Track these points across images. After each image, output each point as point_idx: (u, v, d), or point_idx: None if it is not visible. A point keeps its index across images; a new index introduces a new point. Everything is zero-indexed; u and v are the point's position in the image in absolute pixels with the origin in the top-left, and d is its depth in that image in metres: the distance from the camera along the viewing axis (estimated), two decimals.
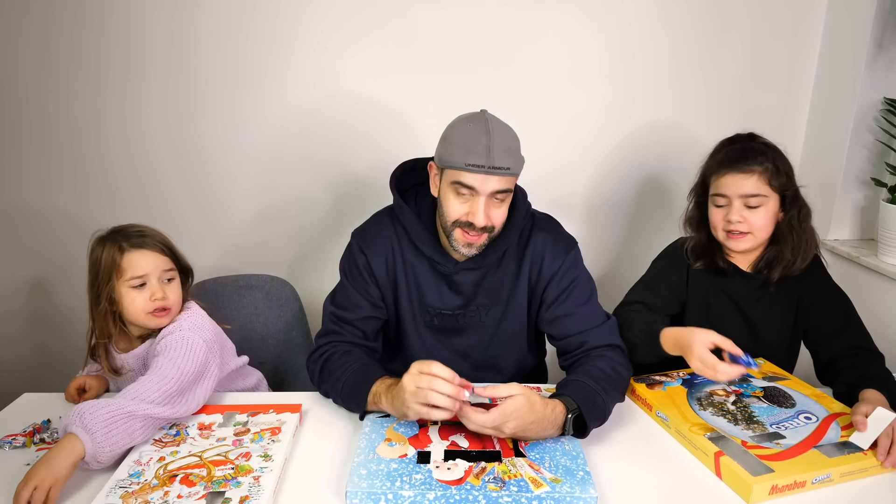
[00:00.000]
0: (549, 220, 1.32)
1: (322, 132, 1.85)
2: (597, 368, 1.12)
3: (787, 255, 1.31)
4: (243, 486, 0.91)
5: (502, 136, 1.10)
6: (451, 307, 1.27)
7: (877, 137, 1.80)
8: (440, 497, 0.88)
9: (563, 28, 1.80)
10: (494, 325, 1.29)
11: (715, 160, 1.34)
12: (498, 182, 1.11)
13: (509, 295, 1.27)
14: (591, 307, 1.25)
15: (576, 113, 1.88)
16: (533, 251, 1.25)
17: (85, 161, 1.83)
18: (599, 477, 0.97)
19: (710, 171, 1.35)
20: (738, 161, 1.28)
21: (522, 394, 0.98)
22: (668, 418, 1.11)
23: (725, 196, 1.30)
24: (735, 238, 1.30)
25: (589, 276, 1.28)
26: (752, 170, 1.27)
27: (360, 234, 1.29)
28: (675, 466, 1.02)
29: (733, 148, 1.32)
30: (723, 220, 1.31)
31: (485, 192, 1.11)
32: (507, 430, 0.96)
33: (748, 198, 1.27)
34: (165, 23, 1.73)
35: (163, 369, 1.08)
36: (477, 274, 1.25)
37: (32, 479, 0.88)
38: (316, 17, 1.76)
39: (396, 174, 1.27)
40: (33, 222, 1.88)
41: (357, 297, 1.25)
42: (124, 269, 1.16)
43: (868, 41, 1.71)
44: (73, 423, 0.94)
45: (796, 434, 1.04)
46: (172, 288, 1.20)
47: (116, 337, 1.23)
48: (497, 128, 1.11)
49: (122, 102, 1.79)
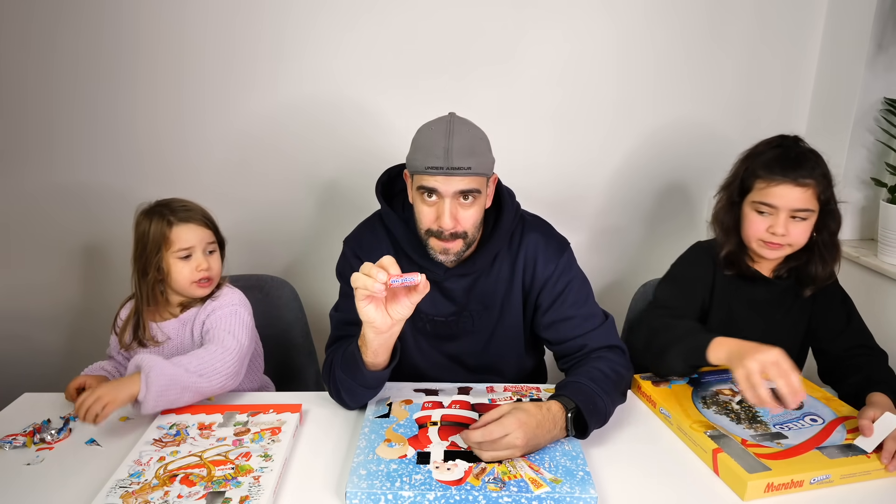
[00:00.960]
0: (539, 221, 1.31)
1: (319, 133, 1.85)
2: (596, 370, 1.11)
3: (819, 267, 1.26)
4: (243, 486, 0.91)
5: (462, 137, 1.09)
6: (444, 314, 1.26)
7: (877, 137, 1.80)
8: (440, 497, 0.88)
9: (563, 28, 1.80)
10: (489, 330, 1.28)
11: (762, 162, 1.23)
12: (460, 182, 1.09)
13: (503, 299, 1.25)
14: (589, 308, 1.23)
15: (576, 113, 1.88)
16: (525, 254, 1.24)
17: (76, 173, 1.83)
18: (599, 477, 0.97)
19: (754, 173, 1.24)
20: (793, 170, 1.19)
21: (513, 406, 0.99)
22: (670, 415, 1.11)
23: (773, 207, 1.21)
24: (772, 248, 1.24)
25: (584, 276, 1.27)
26: (807, 183, 1.18)
27: (354, 240, 1.29)
28: (674, 463, 1.02)
29: (785, 152, 1.22)
30: (765, 231, 1.23)
31: (448, 193, 1.10)
32: (519, 443, 0.95)
33: (798, 211, 1.20)
34: (155, 21, 1.73)
35: (225, 342, 1.19)
36: (468, 280, 1.23)
37: (97, 390, 1.04)
38: (301, 20, 1.76)
39: (382, 181, 1.26)
40: (33, 224, 1.89)
41: None
42: (172, 241, 1.24)
43: (868, 41, 1.71)
44: (144, 370, 1.07)
45: (799, 435, 1.04)
46: (214, 259, 1.30)
47: (156, 307, 1.31)
48: (459, 129, 1.10)
49: (115, 102, 1.79)
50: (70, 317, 1.99)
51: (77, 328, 2.00)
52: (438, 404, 1.13)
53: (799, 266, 1.30)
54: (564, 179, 1.95)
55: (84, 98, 1.79)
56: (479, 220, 1.16)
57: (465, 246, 1.16)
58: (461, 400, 1.14)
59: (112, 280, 1.94)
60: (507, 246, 1.24)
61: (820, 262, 1.26)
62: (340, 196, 1.92)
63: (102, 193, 1.87)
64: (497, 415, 0.98)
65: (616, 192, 1.98)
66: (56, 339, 2.00)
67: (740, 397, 1.15)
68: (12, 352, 1.99)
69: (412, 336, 1.28)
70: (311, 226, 1.96)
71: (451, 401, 1.13)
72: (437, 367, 1.29)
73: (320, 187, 1.92)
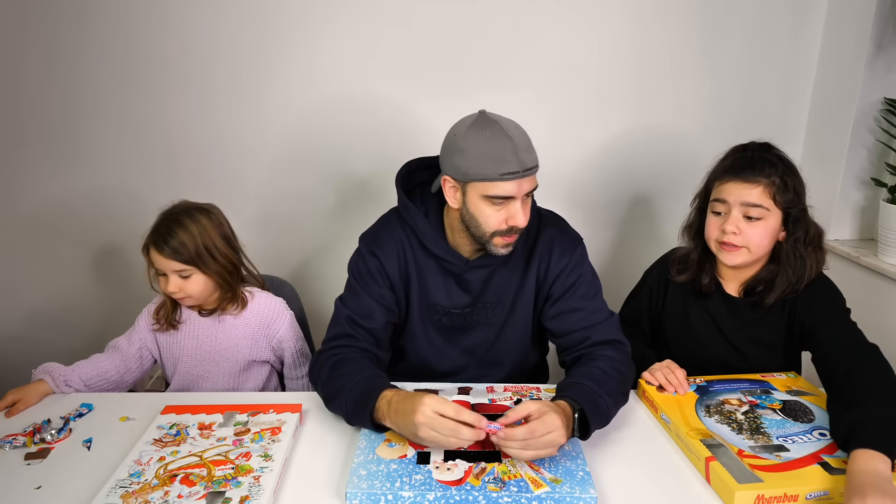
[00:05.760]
0: (555, 217, 1.32)
1: (325, 132, 1.85)
2: (598, 369, 1.11)
3: (788, 278, 1.23)
4: (244, 486, 0.91)
5: (519, 135, 1.10)
6: (461, 305, 1.26)
7: (877, 137, 1.80)
8: (440, 497, 0.88)
9: (564, 28, 1.81)
10: (501, 323, 1.28)
11: (721, 165, 1.27)
12: (530, 182, 1.12)
13: (517, 292, 1.26)
14: (597, 303, 1.24)
15: (576, 112, 1.88)
16: (541, 248, 1.25)
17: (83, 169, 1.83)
18: (599, 477, 0.97)
19: (714, 176, 1.28)
20: (744, 169, 1.21)
21: (540, 403, 0.97)
22: (670, 421, 1.10)
23: (725, 202, 1.23)
24: (728, 251, 1.23)
25: (594, 272, 1.28)
26: (757, 180, 1.20)
27: (370, 237, 1.27)
28: (669, 469, 1.01)
29: (743, 155, 1.24)
30: (718, 229, 1.24)
31: (521, 195, 1.11)
32: (563, 441, 0.93)
33: (748, 207, 1.20)
34: (165, 25, 1.74)
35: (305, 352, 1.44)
36: (487, 271, 1.24)
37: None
38: (317, 19, 1.76)
39: (402, 174, 1.25)
40: (32, 226, 1.89)
41: (371, 303, 1.22)
42: (151, 260, 1.30)
43: (868, 41, 1.71)
44: None
45: (802, 448, 1.00)
46: (191, 283, 1.30)
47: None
48: (511, 128, 1.10)
49: (122, 99, 1.79)
50: (70, 317, 1.99)
51: (77, 328, 2.00)
52: None
53: (769, 279, 1.26)
54: (566, 180, 1.95)
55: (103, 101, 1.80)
56: None
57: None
58: (461, 400, 1.14)
59: (113, 281, 1.94)
60: (524, 240, 1.24)
61: (788, 270, 1.23)
62: (343, 196, 1.92)
63: (109, 196, 1.88)
64: (525, 412, 0.96)
65: (618, 191, 1.98)
66: (56, 340, 1.99)
67: (746, 407, 1.13)
68: (13, 352, 1.99)
69: (422, 330, 1.28)
70: (313, 226, 1.96)
71: (451, 401, 1.13)
72: (448, 358, 1.30)
73: (323, 187, 1.92)
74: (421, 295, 1.26)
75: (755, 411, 1.11)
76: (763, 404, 1.14)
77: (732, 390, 1.19)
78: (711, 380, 1.23)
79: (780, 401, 1.15)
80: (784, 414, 1.10)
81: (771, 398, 1.16)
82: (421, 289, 1.25)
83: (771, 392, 1.18)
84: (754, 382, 1.22)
